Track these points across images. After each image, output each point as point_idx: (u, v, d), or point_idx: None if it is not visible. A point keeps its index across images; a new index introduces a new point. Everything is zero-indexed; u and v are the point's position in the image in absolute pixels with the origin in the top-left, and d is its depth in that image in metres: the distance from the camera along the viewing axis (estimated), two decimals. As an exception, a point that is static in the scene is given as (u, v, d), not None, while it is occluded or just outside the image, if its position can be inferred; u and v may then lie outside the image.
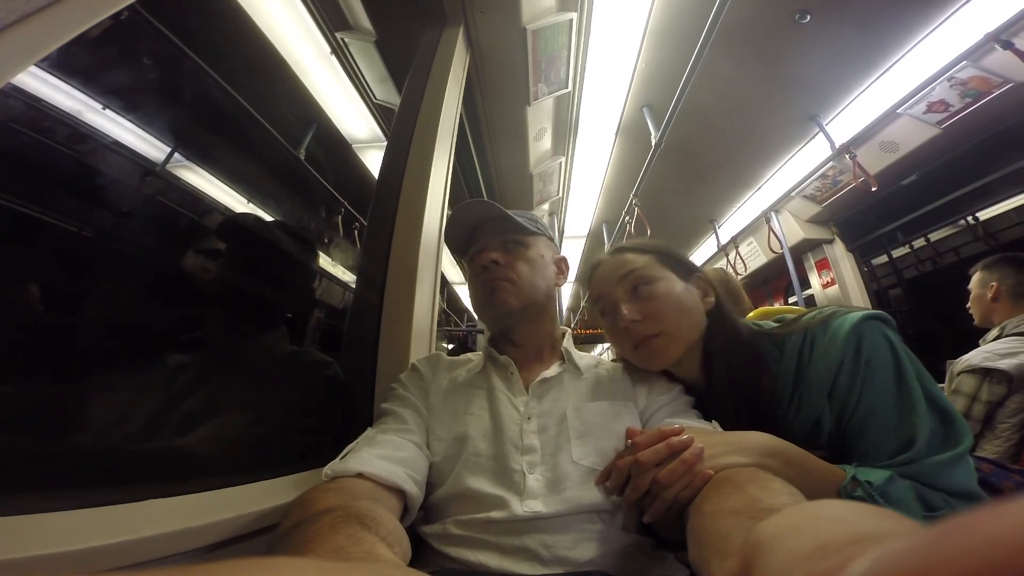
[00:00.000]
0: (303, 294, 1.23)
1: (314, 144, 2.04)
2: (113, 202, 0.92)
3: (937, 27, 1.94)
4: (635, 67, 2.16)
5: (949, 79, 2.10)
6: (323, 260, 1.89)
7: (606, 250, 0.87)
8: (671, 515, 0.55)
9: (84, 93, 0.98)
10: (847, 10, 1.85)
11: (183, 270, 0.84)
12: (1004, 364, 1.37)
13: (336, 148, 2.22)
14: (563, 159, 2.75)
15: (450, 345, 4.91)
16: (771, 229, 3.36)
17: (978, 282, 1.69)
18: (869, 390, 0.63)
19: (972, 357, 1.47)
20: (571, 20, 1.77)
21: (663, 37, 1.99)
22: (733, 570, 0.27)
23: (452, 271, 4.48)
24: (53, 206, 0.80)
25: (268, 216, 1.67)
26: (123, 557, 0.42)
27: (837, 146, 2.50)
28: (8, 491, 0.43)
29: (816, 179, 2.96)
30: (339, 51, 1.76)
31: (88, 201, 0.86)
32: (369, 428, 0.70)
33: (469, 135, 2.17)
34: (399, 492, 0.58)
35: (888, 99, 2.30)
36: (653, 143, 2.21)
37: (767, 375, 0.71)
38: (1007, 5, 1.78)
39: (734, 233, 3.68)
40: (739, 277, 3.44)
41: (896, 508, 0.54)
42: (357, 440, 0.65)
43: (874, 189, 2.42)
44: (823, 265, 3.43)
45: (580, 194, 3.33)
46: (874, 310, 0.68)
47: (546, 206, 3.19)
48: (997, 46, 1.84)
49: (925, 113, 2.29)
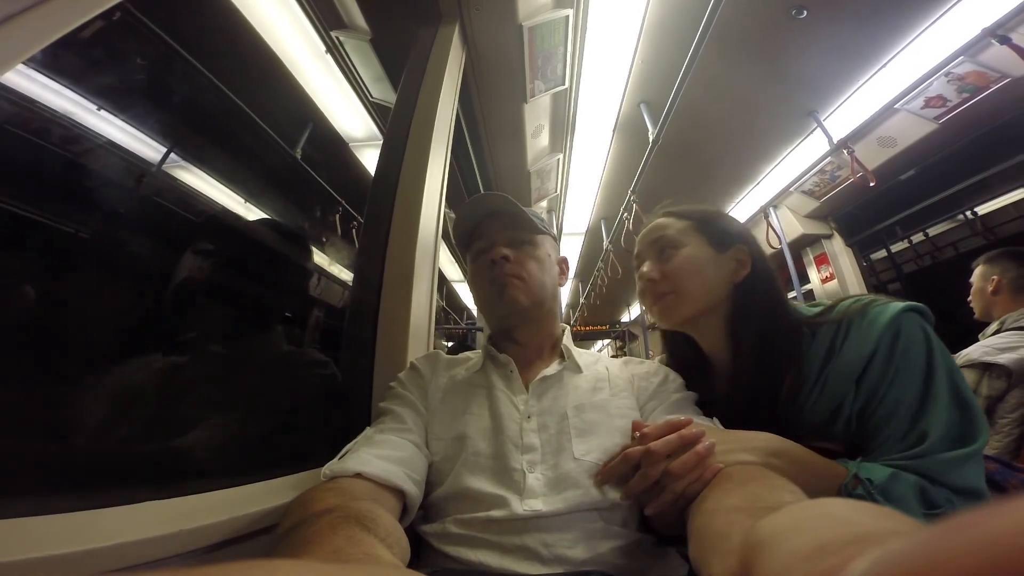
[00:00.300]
0: (299, 293, 1.22)
1: (310, 143, 2.04)
2: (108, 202, 0.92)
3: (934, 22, 1.93)
4: (632, 63, 2.14)
5: (946, 74, 2.10)
6: (320, 259, 1.88)
7: (656, 209, 0.90)
8: (675, 509, 0.55)
9: (78, 94, 0.97)
10: (844, 5, 1.84)
11: (179, 270, 0.83)
12: (1004, 359, 1.36)
13: (332, 147, 2.21)
14: (561, 156, 2.74)
15: (449, 343, 4.91)
16: (770, 224, 3.36)
17: (980, 275, 1.68)
18: (899, 381, 0.63)
19: (972, 352, 1.46)
20: (567, 17, 1.76)
21: (660, 33, 1.98)
22: (733, 569, 0.27)
23: (451, 269, 4.47)
24: (49, 207, 0.80)
25: (264, 215, 1.67)
26: (122, 559, 0.42)
27: (835, 141, 2.49)
28: (7, 493, 0.43)
29: (814, 174, 2.96)
30: (334, 50, 1.76)
31: (83, 202, 0.86)
32: (368, 428, 0.69)
33: (466, 133, 2.16)
34: (398, 492, 0.58)
35: (886, 94, 2.30)
36: (651, 139, 2.20)
37: (797, 355, 0.71)
38: (1003, 0, 1.78)
39: (733, 229, 3.67)
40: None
41: (896, 506, 0.54)
42: (355, 440, 0.64)
43: (872, 184, 2.42)
44: (822, 260, 3.44)
45: (578, 191, 3.32)
46: (914, 302, 0.67)
47: (544, 203, 3.18)
48: (994, 41, 1.84)
49: (923, 108, 2.29)
